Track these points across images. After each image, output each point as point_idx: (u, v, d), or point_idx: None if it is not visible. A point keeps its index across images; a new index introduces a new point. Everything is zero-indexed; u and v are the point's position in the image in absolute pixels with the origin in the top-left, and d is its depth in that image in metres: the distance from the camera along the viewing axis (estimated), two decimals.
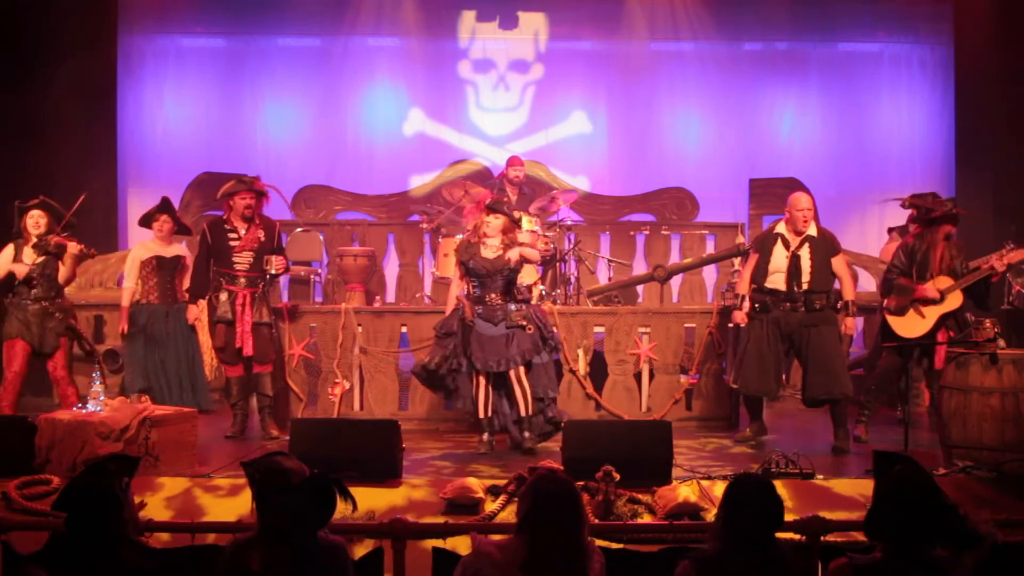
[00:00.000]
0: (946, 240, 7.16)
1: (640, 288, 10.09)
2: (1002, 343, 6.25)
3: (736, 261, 8.97)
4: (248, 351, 7.27)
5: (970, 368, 6.12)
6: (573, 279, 9.28)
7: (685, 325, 8.15)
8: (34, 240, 7.04)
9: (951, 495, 3.46)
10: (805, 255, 7.01)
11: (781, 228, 7.15)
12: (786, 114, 11.93)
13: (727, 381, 7.50)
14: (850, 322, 7.12)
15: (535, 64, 11.98)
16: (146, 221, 7.66)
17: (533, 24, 11.92)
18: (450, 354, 6.78)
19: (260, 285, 7.35)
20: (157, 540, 4.84)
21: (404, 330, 8.10)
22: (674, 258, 10.98)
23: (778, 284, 7.03)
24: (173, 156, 11.56)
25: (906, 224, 8.53)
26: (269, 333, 7.43)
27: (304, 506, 3.23)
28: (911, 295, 7.09)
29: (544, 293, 8.64)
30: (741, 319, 7.19)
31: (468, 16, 11.92)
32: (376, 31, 11.66)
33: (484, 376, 6.76)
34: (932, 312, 7.05)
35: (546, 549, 3.22)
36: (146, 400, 6.59)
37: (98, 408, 5.99)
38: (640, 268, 10.75)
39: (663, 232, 11.21)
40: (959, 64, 11.20)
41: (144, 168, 11.60)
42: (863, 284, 9.74)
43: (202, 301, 7.42)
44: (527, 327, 6.79)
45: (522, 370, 6.77)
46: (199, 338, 7.57)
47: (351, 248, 10.44)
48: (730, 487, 3.38)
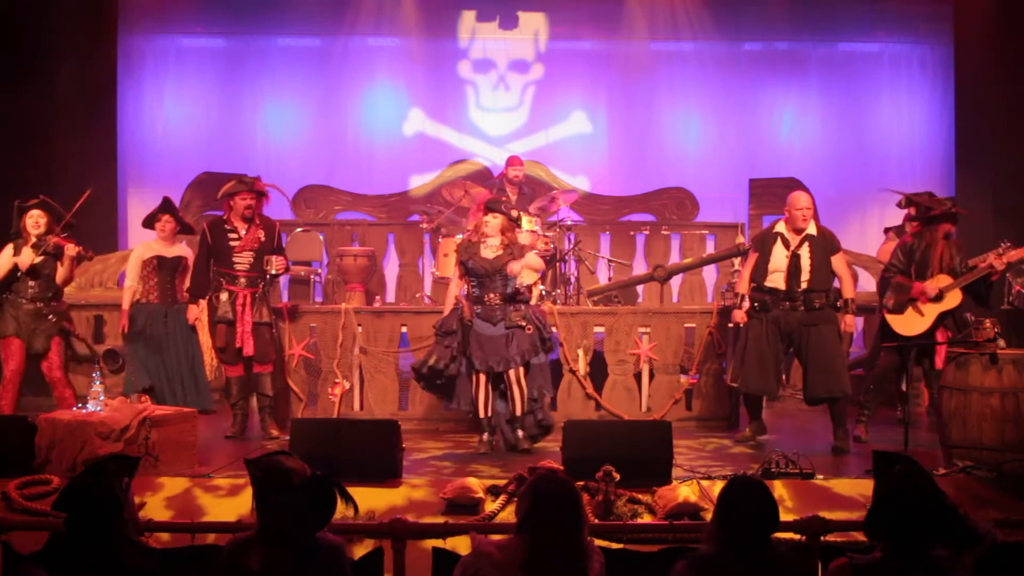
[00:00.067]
0: (945, 239, 7.16)
1: (640, 288, 10.09)
2: (1002, 343, 6.24)
3: (736, 261, 8.96)
4: (248, 351, 7.27)
5: (970, 368, 6.12)
6: (573, 279, 9.28)
7: (685, 325, 8.15)
8: (33, 240, 7.03)
9: (951, 495, 3.46)
10: (805, 254, 7.01)
11: (781, 227, 7.14)
12: (786, 114, 11.93)
13: (727, 381, 7.49)
14: (850, 320, 7.11)
15: (535, 64, 11.98)
16: (149, 222, 7.66)
17: (533, 24, 11.91)
18: (456, 353, 6.79)
19: (260, 285, 7.35)
20: (157, 540, 4.84)
21: (404, 330, 8.11)
22: (674, 258, 10.98)
23: (778, 283, 7.03)
24: (173, 156, 11.56)
25: (902, 224, 8.53)
26: (269, 333, 7.43)
27: (304, 506, 3.24)
28: (908, 293, 7.10)
29: (544, 293, 8.64)
30: (741, 318, 7.18)
31: (468, 16, 11.91)
32: (376, 31, 11.65)
33: (484, 375, 6.76)
34: (931, 310, 7.05)
35: (546, 549, 3.22)
36: (146, 400, 6.59)
37: (98, 408, 5.99)
38: (640, 268, 10.74)
39: (663, 232, 11.21)
40: (959, 64, 11.19)
41: (144, 168, 11.60)
42: (863, 284, 9.73)
43: (202, 301, 7.42)
44: (526, 327, 6.79)
45: (521, 371, 6.77)
46: (199, 338, 7.56)
47: (351, 248, 10.45)
48: (725, 489, 3.38)
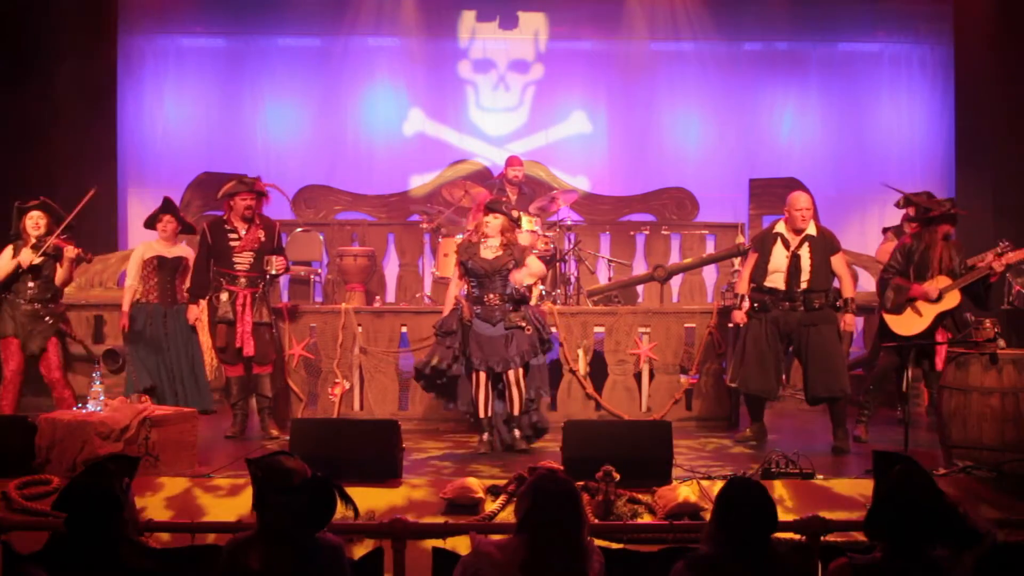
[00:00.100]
0: (944, 240, 7.16)
1: (640, 288, 10.09)
2: (1002, 343, 6.24)
3: (736, 261, 8.96)
4: (249, 351, 7.27)
5: (970, 368, 6.12)
6: (573, 279, 9.28)
7: (685, 325, 8.15)
8: (33, 241, 7.03)
9: (951, 495, 3.46)
10: (805, 254, 7.01)
11: (780, 228, 7.14)
12: (786, 114, 11.92)
13: (727, 381, 7.49)
14: (849, 319, 7.11)
15: (535, 64, 11.98)
16: (150, 222, 7.65)
17: (533, 24, 11.91)
18: (458, 353, 6.78)
19: (260, 285, 7.35)
20: (157, 540, 4.84)
21: (404, 330, 8.11)
22: (674, 258, 10.98)
23: (777, 283, 7.03)
24: (173, 156, 11.56)
25: (901, 224, 8.53)
26: (269, 334, 7.43)
27: (304, 506, 3.24)
28: (907, 294, 7.09)
29: (544, 293, 8.64)
30: (740, 318, 7.18)
31: (468, 16, 11.91)
32: (376, 31, 11.65)
33: (484, 375, 6.76)
34: (929, 311, 7.05)
35: (546, 549, 3.22)
36: (146, 400, 6.59)
37: (98, 408, 5.99)
38: (640, 268, 10.74)
39: (663, 232, 11.20)
40: (959, 64, 11.19)
41: (144, 168, 11.60)
42: (863, 284, 9.73)
43: (202, 301, 7.42)
44: (525, 328, 6.79)
45: (521, 372, 6.77)
46: (199, 338, 7.56)
47: (351, 248, 10.44)
48: (723, 490, 3.38)
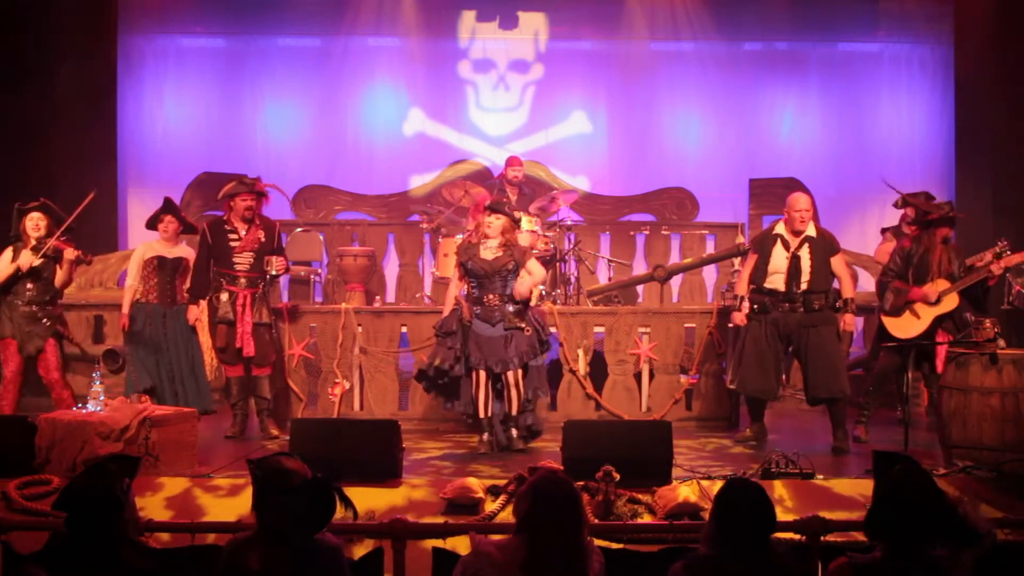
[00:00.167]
0: (943, 243, 7.15)
1: (640, 288, 10.09)
2: (1002, 343, 6.24)
3: (736, 261, 8.96)
4: (249, 352, 7.27)
5: (970, 368, 6.12)
6: (573, 279, 9.28)
7: (685, 325, 8.15)
8: (33, 243, 7.02)
9: (951, 495, 3.46)
10: (805, 255, 7.01)
11: (780, 229, 7.13)
12: (786, 114, 11.92)
13: (727, 382, 7.49)
14: (849, 319, 7.10)
15: (535, 64, 11.97)
16: (152, 223, 7.64)
17: (533, 24, 11.91)
18: (460, 354, 6.78)
19: (260, 286, 7.35)
20: (157, 540, 4.84)
21: (404, 330, 8.10)
22: (674, 258, 10.97)
23: (777, 285, 7.03)
24: (173, 156, 11.55)
25: (899, 224, 8.53)
26: (269, 334, 7.43)
27: (304, 507, 3.24)
28: (906, 297, 7.09)
29: (544, 293, 8.64)
30: (740, 320, 7.18)
31: (468, 16, 11.91)
32: (376, 31, 11.64)
33: (484, 374, 6.76)
34: (927, 313, 7.05)
35: (546, 549, 3.22)
36: (146, 400, 6.59)
37: (98, 408, 5.99)
38: (640, 268, 10.74)
39: (663, 232, 11.20)
40: (959, 64, 11.18)
41: (144, 168, 11.60)
42: (863, 284, 9.73)
43: (203, 302, 7.41)
44: (525, 329, 6.79)
45: (520, 373, 6.77)
46: (199, 339, 7.55)
47: (351, 248, 10.44)
48: (721, 491, 3.38)
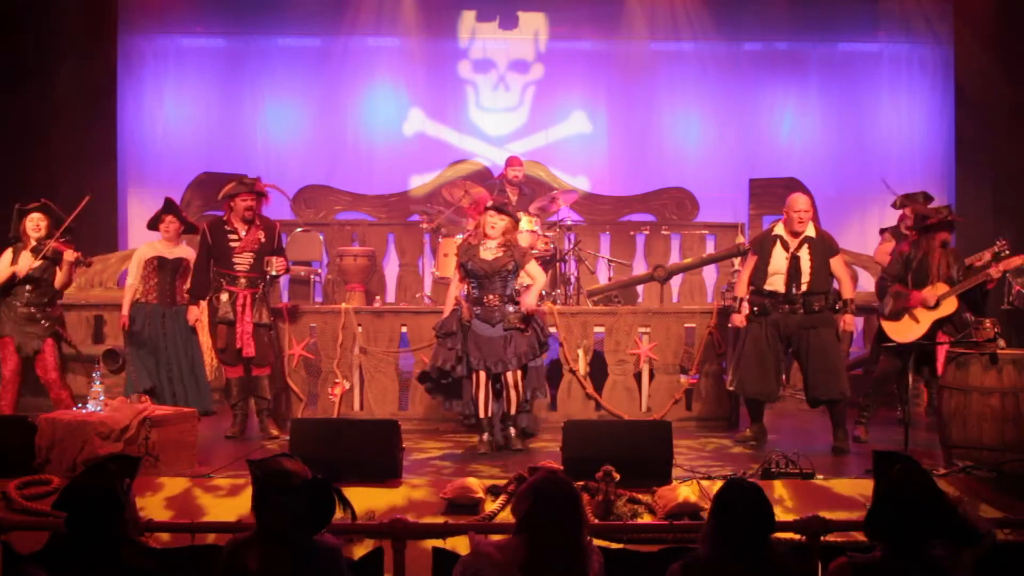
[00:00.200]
0: (942, 247, 7.14)
1: (640, 288, 10.09)
2: (1002, 343, 6.24)
3: (736, 261, 8.96)
4: (249, 352, 7.27)
5: (970, 368, 6.12)
6: (573, 279, 9.28)
7: (685, 325, 8.15)
8: (33, 244, 7.01)
9: (951, 495, 3.46)
10: (804, 256, 7.01)
11: (779, 230, 7.13)
12: (786, 114, 11.91)
13: (727, 383, 7.49)
14: (849, 319, 7.11)
15: (535, 64, 11.97)
16: (153, 223, 7.64)
17: (533, 24, 11.90)
18: (461, 354, 6.78)
19: (260, 286, 7.35)
20: (157, 540, 4.84)
21: (404, 330, 8.10)
22: (674, 258, 10.97)
23: (777, 286, 7.03)
24: (173, 156, 11.55)
25: (897, 225, 8.53)
26: (268, 335, 7.42)
27: (304, 508, 3.24)
28: (905, 302, 7.09)
29: (544, 293, 8.63)
30: (740, 321, 7.18)
31: (468, 16, 11.90)
32: (376, 31, 11.64)
33: (484, 375, 6.76)
34: (926, 317, 7.04)
35: (546, 549, 3.22)
36: (146, 400, 6.59)
37: (98, 408, 5.99)
38: (640, 268, 10.74)
39: (663, 232, 11.20)
40: (959, 64, 11.18)
41: (144, 168, 11.59)
42: (863, 284, 9.73)
43: (203, 302, 7.41)
44: (524, 329, 6.79)
45: (519, 374, 6.77)
46: (199, 339, 7.55)
47: (351, 248, 10.44)
48: (720, 492, 3.37)
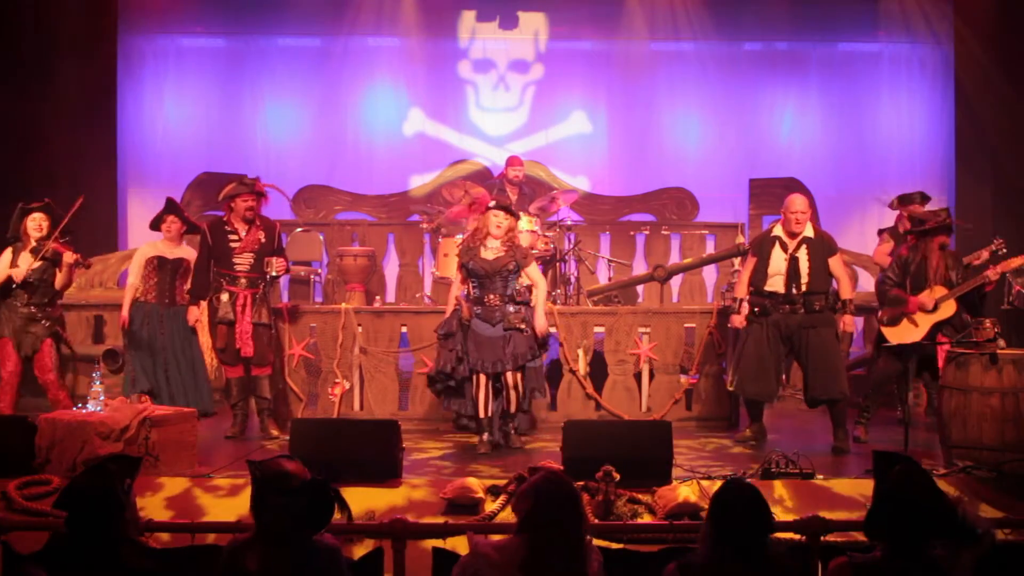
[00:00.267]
0: (941, 250, 7.13)
1: (640, 288, 10.08)
2: (1002, 343, 6.24)
3: (736, 261, 8.96)
4: (248, 352, 7.26)
5: (970, 368, 6.12)
6: (573, 279, 9.28)
7: (685, 325, 8.15)
8: (33, 244, 7.01)
9: (951, 495, 3.46)
10: (803, 257, 7.01)
11: (778, 231, 7.13)
12: (786, 114, 11.91)
13: (727, 384, 7.49)
14: (848, 320, 7.12)
15: (535, 64, 11.97)
16: (155, 224, 7.64)
17: (533, 24, 11.90)
18: (461, 355, 6.78)
19: (260, 286, 7.35)
20: (157, 540, 4.84)
21: (404, 330, 8.10)
22: (674, 258, 10.97)
23: (777, 287, 7.03)
24: (173, 156, 11.55)
25: (895, 225, 8.53)
26: (268, 335, 7.41)
27: (303, 509, 3.25)
28: (904, 307, 7.08)
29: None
30: (740, 322, 7.19)
31: (468, 16, 11.90)
32: (376, 31, 11.63)
33: (484, 375, 6.76)
34: (925, 321, 7.03)
35: (546, 549, 3.22)
36: (146, 400, 6.58)
37: (98, 408, 5.99)
38: (640, 268, 10.74)
39: (663, 232, 11.20)
40: (959, 64, 11.19)
41: (144, 168, 11.59)
42: (863, 284, 9.74)
43: (203, 302, 7.40)
44: (524, 330, 6.79)
45: (519, 374, 6.78)
46: (200, 339, 7.55)
47: (351, 248, 10.44)
48: (718, 493, 3.37)
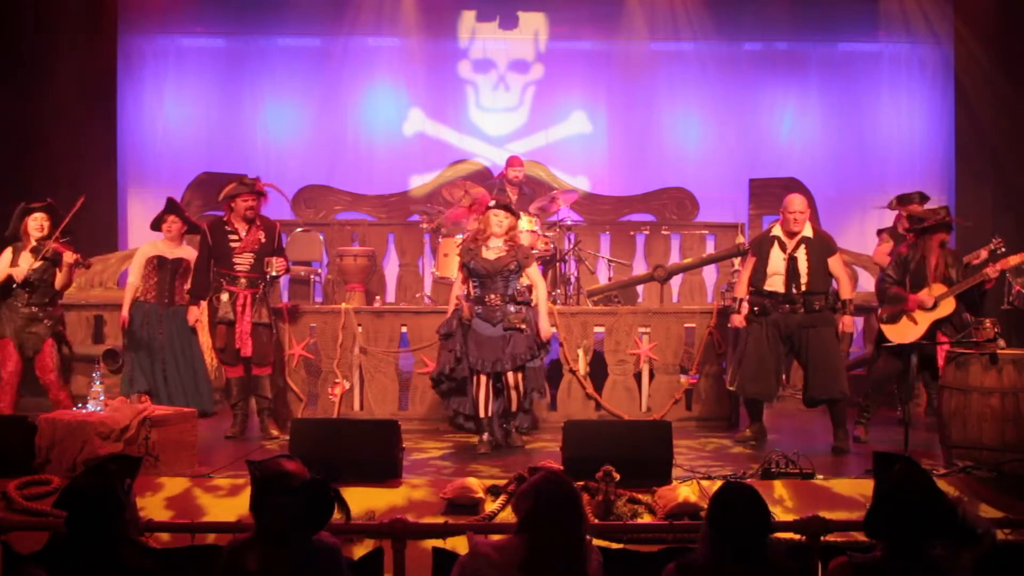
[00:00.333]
0: (941, 248, 7.13)
1: (640, 288, 10.08)
2: (1002, 343, 6.24)
3: (736, 261, 8.96)
4: (247, 352, 7.26)
5: (970, 368, 6.12)
6: (573, 279, 9.28)
7: (685, 325, 8.15)
8: (33, 244, 7.01)
9: (951, 495, 3.46)
10: (802, 257, 7.01)
11: (777, 231, 7.14)
12: (786, 114, 11.91)
13: (727, 384, 7.49)
14: (848, 320, 7.12)
15: (535, 64, 11.97)
16: (156, 224, 7.64)
17: (533, 24, 11.90)
18: (460, 355, 6.78)
19: (260, 286, 7.34)
20: (157, 540, 4.84)
21: (404, 330, 8.10)
22: (674, 258, 10.97)
23: (776, 286, 7.03)
24: (173, 156, 11.55)
25: (894, 225, 8.53)
26: (268, 334, 7.41)
27: (302, 508, 3.25)
28: (904, 304, 7.09)
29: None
30: (740, 322, 7.19)
31: (468, 16, 11.90)
32: (376, 31, 11.63)
33: (484, 375, 6.76)
34: (924, 318, 7.03)
35: (546, 549, 3.22)
36: (146, 400, 6.58)
37: (98, 408, 5.99)
38: (640, 268, 10.74)
39: (663, 232, 11.20)
40: (959, 64, 11.19)
41: (144, 168, 11.59)
42: (863, 284, 9.74)
43: (203, 302, 7.40)
44: (524, 330, 6.79)
45: (520, 375, 6.78)
46: (200, 339, 7.54)
47: (351, 248, 10.44)
48: (716, 494, 3.37)
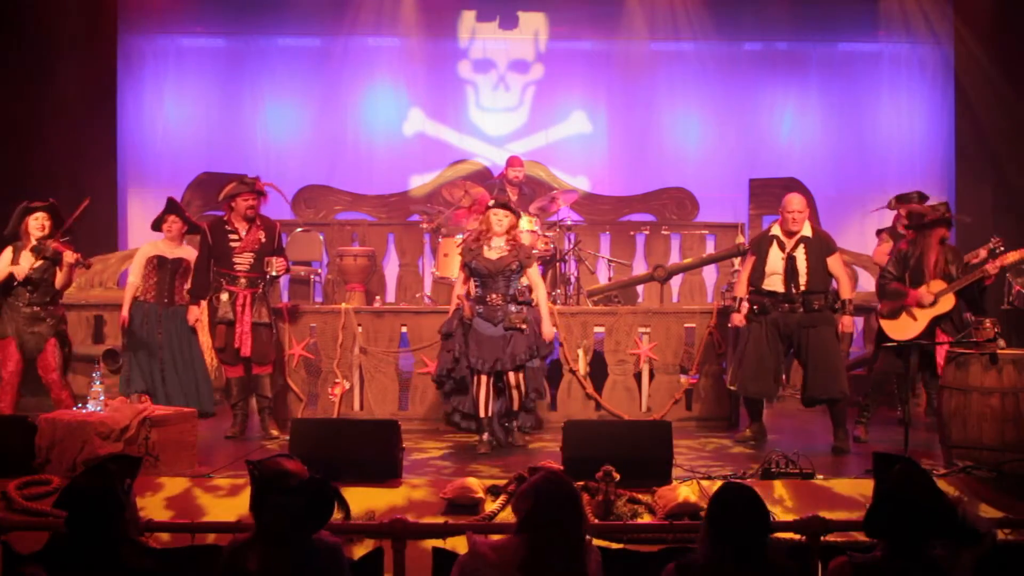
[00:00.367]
0: (940, 244, 7.14)
1: (640, 288, 10.09)
2: (1002, 343, 6.24)
3: (736, 261, 8.96)
4: (246, 352, 7.26)
5: (970, 368, 6.12)
6: (573, 279, 9.28)
7: (685, 325, 8.15)
8: (33, 243, 7.01)
9: (951, 495, 3.46)
10: (801, 256, 7.01)
11: (776, 230, 7.14)
12: (786, 114, 11.91)
13: (727, 384, 7.50)
14: (847, 320, 7.12)
15: (535, 64, 11.97)
16: (157, 224, 7.64)
17: (533, 24, 11.90)
18: (459, 355, 6.78)
19: (260, 286, 7.34)
20: (157, 540, 4.84)
21: (404, 330, 8.10)
22: (674, 258, 10.98)
23: (776, 286, 7.04)
24: (173, 156, 11.55)
25: (893, 225, 8.53)
26: (268, 334, 7.41)
27: (302, 508, 3.25)
28: (903, 300, 7.09)
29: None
30: (739, 321, 7.19)
31: (468, 16, 11.90)
32: (376, 31, 11.64)
33: (485, 375, 6.76)
34: (924, 315, 7.04)
35: (546, 549, 3.22)
36: (146, 400, 6.58)
37: (98, 408, 5.99)
38: (640, 268, 10.74)
39: (663, 232, 11.20)
40: (959, 64, 11.20)
41: (144, 168, 11.59)
42: (862, 284, 9.74)
43: (203, 302, 7.40)
44: (524, 330, 6.79)
45: (521, 375, 6.78)
46: (200, 339, 7.54)
47: (351, 248, 10.44)
48: (716, 495, 3.36)
